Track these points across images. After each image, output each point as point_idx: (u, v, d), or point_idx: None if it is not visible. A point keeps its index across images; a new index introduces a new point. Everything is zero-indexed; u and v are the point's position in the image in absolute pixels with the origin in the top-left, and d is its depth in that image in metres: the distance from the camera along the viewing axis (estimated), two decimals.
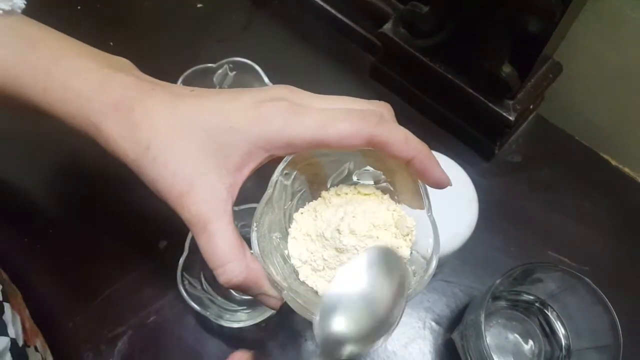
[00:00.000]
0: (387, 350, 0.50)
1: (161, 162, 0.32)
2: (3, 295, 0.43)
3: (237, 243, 0.32)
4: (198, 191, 0.31)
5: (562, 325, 0.47)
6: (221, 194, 0.32)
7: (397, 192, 0.35)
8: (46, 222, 0.57)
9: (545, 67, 0.53)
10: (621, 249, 0.55)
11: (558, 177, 0.59)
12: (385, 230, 0.33)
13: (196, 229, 0.32)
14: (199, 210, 0.31)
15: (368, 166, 0.36)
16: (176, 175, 0.32)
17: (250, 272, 0.32)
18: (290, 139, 0.31)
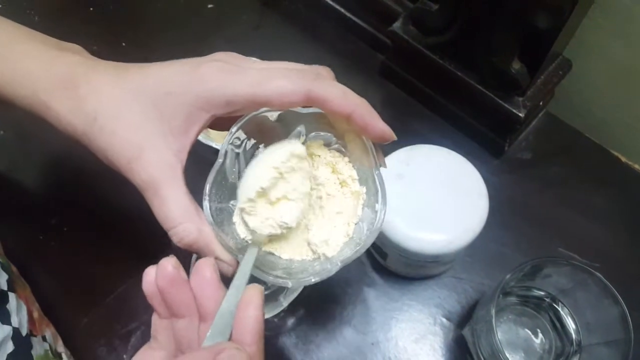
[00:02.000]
0: (397, 345, 0.51)
1: (108, 131, 0.33)
2: (9, 285, 0.44)
3: (189, 206, 0.33)
4: (146, 157, 0.32)
5: (573, 321, 0.47)
6: (170, 159, 0.32)
7: (349, 153, 0.36)
8: (60, 220, 0.58)
9: (554, 64, 0.54)
10: (632, 245, 0.55)
11: (568, 173, 0.59)
12: (335, 192, 0.36)
13: (148, 194, 0.33)
14: (148, 175, 0.32)
15: (319, 131, 0.36)
16: (124, 143, 0.32)
17: (202, 234, 0.32)
18: (228, 97, 0.32)
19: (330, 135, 0.36)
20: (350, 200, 0.36)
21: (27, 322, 0.44)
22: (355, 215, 0.35)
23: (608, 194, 0.57)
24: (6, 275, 0.44)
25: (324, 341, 0.51)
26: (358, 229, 0.35)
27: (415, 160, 0.47)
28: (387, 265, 0.52)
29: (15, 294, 0.44)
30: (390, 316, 0.52)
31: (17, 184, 0.61)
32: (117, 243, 0.56)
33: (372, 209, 0.34)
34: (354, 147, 0.35)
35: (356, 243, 0.35)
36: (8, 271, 0.45)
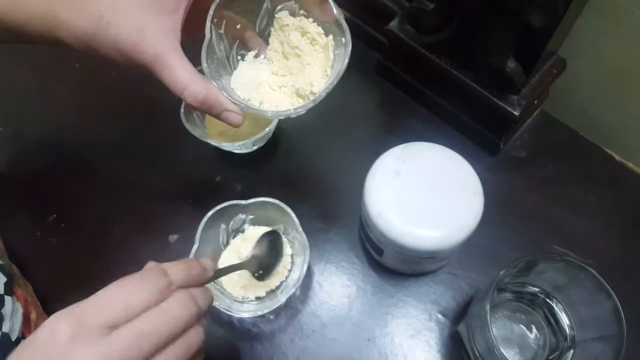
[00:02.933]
0: (393, 341, 0.51)
1: (114, 24, 0.38)
2: (6, 288, 0.44)
3: (194, 71, 0.39)
4: (150, 36, 0.37)
5: (567, 316, 0.47)
6: (168, 35, 0.38)
7: (311, 14, 0.43)
8: (58, 217, 0.58)
9: (549, 63, 0.54)
10: (625, 242, 0.55)
11: (562, 172, 0.59)
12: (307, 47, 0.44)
13: (158, 67, 0.38)
14: (155, 50, 0.38)
15: (284, 2, 0.44)
16: (128, 31, 0.37)
17: (211, 90, 0.39)
18: None
19: (292, 3, 0.43)
20: (322, 52, 0.44)
21: (20, 326, 0.44)
22: (329, 60, 0.43)
23: (602, 191, 0.58)
24: (4, 278, 0.44)
25: (320, 337, 0.51)
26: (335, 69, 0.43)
27: (412, 157, 0.48)
28: (383, 262, 0.53)
29: (12, 297, 0.44)
30: (386, 312, 0.52)
31: (14, 181, 0.61)
32: (114, 239, 0.57)
33: (341, 47, 0.42)
34: (314, 7, 0.43)
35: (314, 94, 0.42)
36: (7, 273, 0.45)
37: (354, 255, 0.55)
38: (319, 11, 0.42)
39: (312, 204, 0.57)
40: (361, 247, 0.55)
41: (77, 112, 0.65)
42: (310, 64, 0.44)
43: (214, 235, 0.52)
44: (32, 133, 0.64)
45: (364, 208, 0.47)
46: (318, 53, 0.44)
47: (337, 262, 0.55)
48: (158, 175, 0.60)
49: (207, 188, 0.59)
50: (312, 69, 0.44)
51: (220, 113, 0.40)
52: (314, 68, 0.44)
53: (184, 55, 0.39)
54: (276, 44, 0.45)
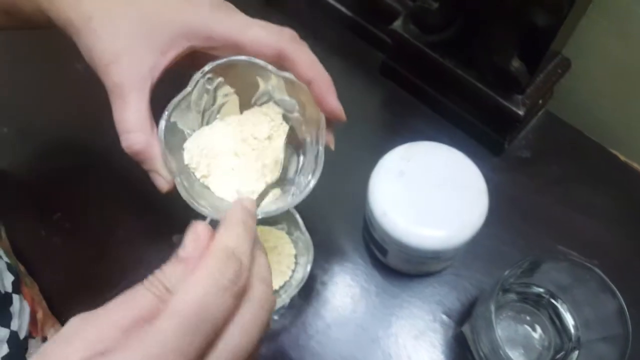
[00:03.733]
0: (397, 342, 0.51)
1: (98, 34, 0.35)
2: (14, 287, 0.44)
3: (146, 118, 0.35)
4: (123, 63, 0.35)
5: (572, 317, 0.47)
6: (143, 71, 0.35)
7: (304, 122, 0.39)
8: (62, 216, 0.58)
9: (554, 62, 0.54)
10: (630, 243, 0.55)
11: (567, 172, 0.59)
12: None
13: (114, 96, 0.35)
14: (120, 79, 0.35)
15: (286, 95, 0.39)
16: (107, 47, 0.35)
17: (150, 146, 0.35)
18: (211, 33, 0.35)
19: (294, 103, 0.39)
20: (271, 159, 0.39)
21: (27, 325, 0.44)
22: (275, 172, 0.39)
23: (606, 192, 0.58)
24: (12, 277, 0.44)
25: (323, 337, 0.51)
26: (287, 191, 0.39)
27: (416, 156, 0.48)
28: (387, 262, 0.53)
29: (20, 295, 0.44)
30: (390, 313, 0.52)
31: (19, 180, 0.61)
32: (119, 239, 0.57)
33: (306, 177, 0.38)
34: (310, 119, 0.38)
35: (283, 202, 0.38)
36: (14, 272, 0.45)
37: (357, 256, 0.55)
38: (312, 126, 0.38)
39: (315, 204, 0.57)
40: (365, 248, 0.55)
41: (81, 112, 0.65)
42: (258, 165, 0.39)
43: None
44: (36, 133, 0.64)
45: (368, 208, 0.47)
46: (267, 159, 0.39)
47: (341, 262, 0.55)
48: None
49: None
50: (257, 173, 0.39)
51: (148, 171, 0.37)
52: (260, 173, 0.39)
53: (147, 97, 0.36)
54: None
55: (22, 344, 0.43)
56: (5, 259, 0.45)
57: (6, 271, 0.44)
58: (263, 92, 0.40)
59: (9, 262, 0.46)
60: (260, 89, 0.40)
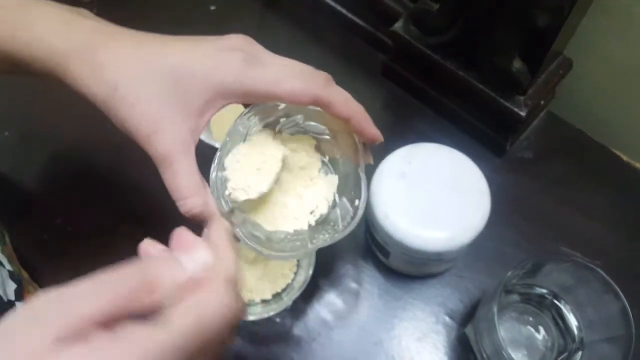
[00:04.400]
0: (400, 344, 0.51)
1: (129, 103, 0.34)
2: (16, 295, 0.44)
3: (198, 181, 0.35)
4: (164, 132, 0.34)
5: (575, 318, 0.47)
6: (185, 136, 0.35)
7: (339, 147, 0.40)
8: (63, 220, 0.58)
9: (555, 63, 0.54)
10: (633, 243, 0.55)
11: (569, 172, 0.59)
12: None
13: (163, 167, 0.35)
14: (165, 149, 0.34)
15: (316, 122, 0.40)
16: (144, 116, 0.34)
17: (207, 206, 0.35)
18: (246, 90, 0.35)
19: (324, 128, 0.40)
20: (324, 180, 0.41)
21: None
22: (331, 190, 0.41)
23: (609, 192, 0.58)
24: (14, 285, 0.44)
25: (326, 340, 0.51)
26: (334, 216, 0.40)
27: (417, 158, 0.48)
28: (389, 264, 0.52)
29: (22, 303, 0.44)
30: (393, 315, 0.52)
31: (20, 184, 0.61)
32: (121, 243, 0.56)
33: (351, 202, 0.39)
34: (346, 145, 0.39)
35: (335, 230, 0.39)
36: (17, 280, 0.45)
37: (359, 258, 0.55)
38: (348, 150, 0.39)
39: None
40: (367, 250, 0.55)
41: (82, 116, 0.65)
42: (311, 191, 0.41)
43: None
44: (37, 137, 0.64)
45: (370, 209, 0.47)
46: (319, 180, 0.41)
47: (343, 264, 0.55)
48: None
49: None
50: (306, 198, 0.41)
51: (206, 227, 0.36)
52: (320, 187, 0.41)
53: (194, 160, 0.36)
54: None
55: None
56: (8, 267, 0.45)
57: (8, 279, 0.44)
58: (290, 120, 0.40)
59: (12, 269, 0.46)
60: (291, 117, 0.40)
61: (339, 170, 0.41)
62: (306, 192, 0.41)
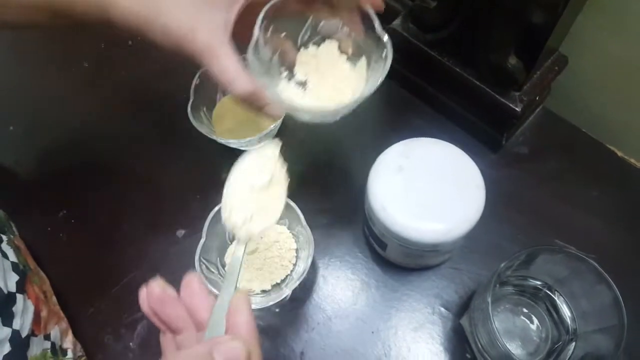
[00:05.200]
0: (397, 334, 0.52)
1: (166, 12, 0.39)
2: (18, 287, 0.45)
3: (241, 63, 0.40)
4: (203, 27, 0.39)
5: (569, 309, 0.48)
6: (220, 29, 0.39)
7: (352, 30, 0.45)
8: (68, 213, 0.59)
9: (551, 59, 0.55)
10: (627, 237, 0.56)
11: (564, 168, 0.60)
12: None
13: (207, 56, 0.39)
14: (207, 40, 0.39)
15: (324, 20, 0.46)
16: (181, 19, 0.39)
17: (256, 85, 0.40)
18: None
19: (336, 21, 0.45)
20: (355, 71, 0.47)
21: (30, 323, 0.45)
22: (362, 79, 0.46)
23: (604, 187, 0.58)
24: (16, 277, 0.45)
25: (325, 329, 0.52)
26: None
27: (414, 152, 0.49)
28: (386, 256, 0.53)
29: (24, 294, 0.45)
30: (389, 305, 0.53)
31: (25, 178, 0.62)
32: (123, 234, 0.58)
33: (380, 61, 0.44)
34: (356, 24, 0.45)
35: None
36: (20, 271, 0.46)
37: (357, 250, 0.56)
38: (361, 27, 0.45)
39: (316, 199, 0.58)
40: (365, 242, 0.56)
41: (85, 111, 0.66)
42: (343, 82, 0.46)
43: (220, 230, 0.53)
44: (41, 131, 0.65)
45: (368, 202, 0.48)
46: (351, 71, 0.46)
47: (341, 256, 0.56)
48: (165, 172, 0.61)
49: (213, 184, 0.59)
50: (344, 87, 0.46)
51: (263, 106, 0.42)
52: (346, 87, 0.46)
53: (232, 47, 0.40)
54: (307, 60, 0.47)
55: (24, 342, 0.44)
56: (13, 259, 0.46)
57: (10, 271, 0.45)
58: (308, 26, 0.46)
59: (16, 261, 0.47)
60: (306, 24, 0.46)
61: (363, 50, 0.46)
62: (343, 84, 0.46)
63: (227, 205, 0.41)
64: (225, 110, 0.61)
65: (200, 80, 0.58)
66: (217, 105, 0.62)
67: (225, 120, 0.61)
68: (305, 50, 0.47)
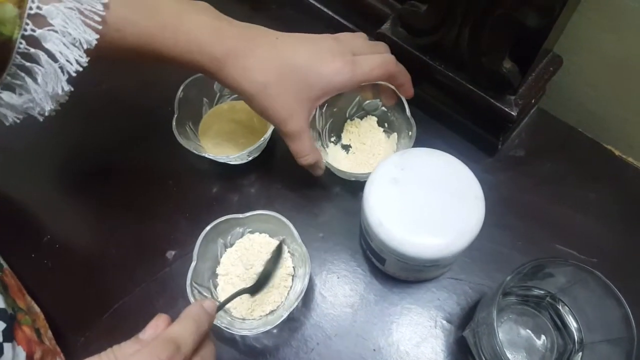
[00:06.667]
0: (399, 350, 0.50)
1: (274, 97, 0.47)
2: (4, 336, 0.42)
3: (314, 143, 0.52)
4: (297, 116, 0.49)
5: (574, 319, 0.47)
6: (306, 118, 0.50)
7: (388, 109, 0.58)
8: (52, 237, 0.57)
9: (545, 60, 0.53)
10: (628, 238, 0.55)
11: (562, 169, 0.58)
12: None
13: (294, 139, 0.50)
14: (298, 127, 0.49)
15: (369, 100, 0.58)
16: (283, 106, 0.48)
17: (320, 158, 0.53)
18: (343, 88, 0.50)
19: (377, 100, 0.58)
20: (387, 143, 0.59)
21: None
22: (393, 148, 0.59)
23: (602, 188, 0.57)
24: (3, 325, 0.43)
25: (324, 349, 0.50)
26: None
27: (410, 164, 0.47)
28: (385, 270, 0.52)
29: (12, 342, 0.43)
30: (390, 320, 0.51)
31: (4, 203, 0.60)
32: (110, 259, 0.56)
33: (406, 138, 0.55)
34: (392, 105, 0.57)
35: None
36: (7, 317, 0.44)
37: (355, 264, 0.54)
38: (396, 108, 0.56)
39: (309, 213, 0.56)
40: (362, 255, 0.54)
41: (66, 130, 0.64)
42: (378, 148, 0.58)
43: (212, 250, 0.51)
44: (19, 152, 0.63)
45: (364, 217, 0.47)
46: (385, 142, 0.59)
47: (339, 271, 0.54)
48: (152, 191, 0.59)
49: (203, 201, 0.58)
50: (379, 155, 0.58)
51: (316, 171, 0.54)
52: (380, 153, 0.58)
53: (310, 132, 0.51)
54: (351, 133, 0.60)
55: None
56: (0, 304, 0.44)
57: None
58: (355, 103, 0.59)
59: (3, 306, 0.44)
60: (354, 101, 0.58)
61: (395, 127, 0.58)
62: (377, 150, 0.58)
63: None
64: (211, 123, 0.60)
65: (184, 93, 0.56)
66: (203, 119, 0.60)
67: (212, 135, 0.59)
68: (351, 122, 0.60)
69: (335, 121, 0.59)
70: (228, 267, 0.52)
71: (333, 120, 0.59)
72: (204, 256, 0.49)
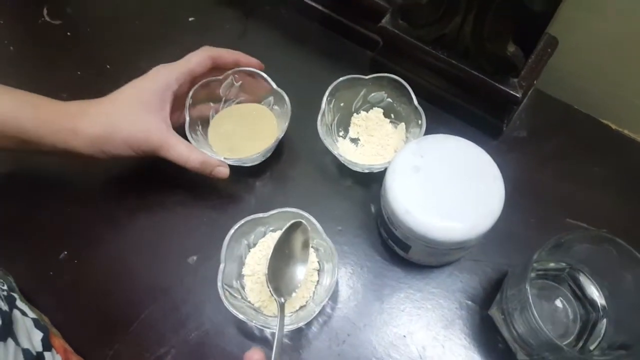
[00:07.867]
0: (429, 335, 0.51)
1: (124, 128, 0.51)
2: (44, 345, 0.42)
3: (188, 145, 0.53)
4: (154, 130, 0.52)
5: (595, 288, 0.48)
6: (163, 125, 0.52)
7: (394, 100, 0.59)
8: (69, 253, 0.56)
9: (542, 42, 0.55)
10: (632, 207, 0.57)
11: (564, 146, 0.60)
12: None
13: (163, 151, 0.52)
14: (160, 139, 0.52)
15: (374, 93, 0.60)
16: (137, 129, 0.51)
17: (205, 156, 0.53)
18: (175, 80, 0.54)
19: (382, 93, 0.59)
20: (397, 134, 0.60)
21: None
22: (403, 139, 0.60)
23: (603, 160, 0.60)
24: (41, 334, 0.43)
25: (355, 340, 0.51)
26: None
27: (428, 150, 0.48)
28: (409, 257, 0.53)
29: (51, 351, 0.43)
30: (417, 306, 0.53)
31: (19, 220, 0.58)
32: (132, 270, 0.55)
33: (416, 127, 0.56)
34: (399, 97, 0.58)
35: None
36: (42, 327, 0.43)
37: (376, 254, 0.55)
38: (401, 98, 0.58)
39: (325, 208, 0.57)
40: (382, 245, 0.55)
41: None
42: (387, 140, 0.59)
43: (236, 252, 0.51)
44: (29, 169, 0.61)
45: (388, 206, 0.48)
46: (393, 132, 0.60)
47: (361, 262, 0.55)
48: (168, 199, 0.58)
49: (220, 205, 0.58)
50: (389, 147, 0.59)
51: (211, 171, 0.53)
52: (389, 144, 0.59)
53: (176, 136, 0.53)
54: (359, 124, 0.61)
55: None
56: (31, 315, 0.43)
57: (34, 329, 0.43)
58: (360, 97, 0.60)
59: (36, 316, 0.44)
60: (359, 95, 0.60)
61: (402, 117, 0.59)
62: (386, 142, 0.60)
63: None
64: (219, 127, 0.60)
65: (193, 100, 0.56)
66: (211, 123, 0.60)
67: (220, 137, 0.59)
68: (358, 115, 0.61)
69: (342, 115, 0.60)
70: (254, 267, 0.52)
71: (340, 114, 0.60)
72: (229, 258, 0.49)
